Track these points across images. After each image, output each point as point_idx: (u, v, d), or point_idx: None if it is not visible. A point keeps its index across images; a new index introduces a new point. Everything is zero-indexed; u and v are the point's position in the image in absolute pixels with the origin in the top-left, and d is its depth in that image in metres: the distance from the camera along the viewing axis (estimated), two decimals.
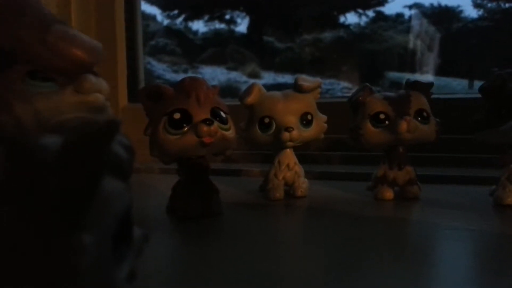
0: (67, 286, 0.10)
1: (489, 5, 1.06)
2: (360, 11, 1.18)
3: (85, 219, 0.11)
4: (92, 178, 0.11)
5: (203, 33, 1.26)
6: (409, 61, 1.11)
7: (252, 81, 0.46)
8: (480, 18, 1.14)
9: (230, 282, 0.25)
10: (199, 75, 0.79)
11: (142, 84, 0.76)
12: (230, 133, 0.38)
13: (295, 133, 0.42)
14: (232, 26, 1.25)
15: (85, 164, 0.11)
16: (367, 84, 0.44)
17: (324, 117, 0.45)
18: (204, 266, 0.27)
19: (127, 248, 0.14)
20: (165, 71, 1.18)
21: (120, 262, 0.13)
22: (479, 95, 0.41)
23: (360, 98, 0.43)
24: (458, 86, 1.08)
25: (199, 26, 1.24)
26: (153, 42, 1.20)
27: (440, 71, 1.09)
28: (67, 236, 0.10)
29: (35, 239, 0.10)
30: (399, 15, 1.21)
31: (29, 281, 0.10)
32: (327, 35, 1.20)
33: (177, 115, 0.36)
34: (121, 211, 0.13)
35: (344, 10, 1.19)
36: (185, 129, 0.35)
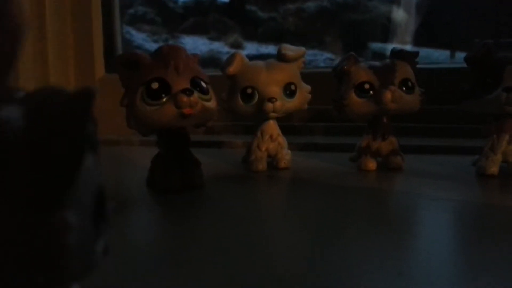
0: (55, 264, 0.10)
1: None
2: None
3: (69, 196, 0.11)
4: (74, 152, 0.10)
5: (184, 2, 1.22)
6: (391, 31, 1.10)
7: (234, 51, 0.44)
8: None
9: (212, 255, 0.24)
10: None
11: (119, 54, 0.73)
12: (211, 104, 0.36)
13: (278, 103, 0.41)
14: None
15: (64, 137, 0.10)
16: (352, 53, 0.43)
17: (308, 87, 0.44)
18: (185, 239, 0.27)
19: (101, 223, 0.13)
20: (145, 40, 1.14)
21: (98, 238, 0.13)
22: (463, 65, 0.41)
23: (345, 67, 0.42)
24: (440, 57, 1.08)
25: None
26: (131, 11, 1.16)
27: (422, 42, 1.08)
28: (52, 214, 0.10)
29: (16, 218, 0.10)
30: None
31: (16, 260, 0.10)
32: (311, 4, 1.17)
33: (155, 85, 0.34)
34: (96, 185, 0.13)
35: None
36: (164, 99, 0.34)
